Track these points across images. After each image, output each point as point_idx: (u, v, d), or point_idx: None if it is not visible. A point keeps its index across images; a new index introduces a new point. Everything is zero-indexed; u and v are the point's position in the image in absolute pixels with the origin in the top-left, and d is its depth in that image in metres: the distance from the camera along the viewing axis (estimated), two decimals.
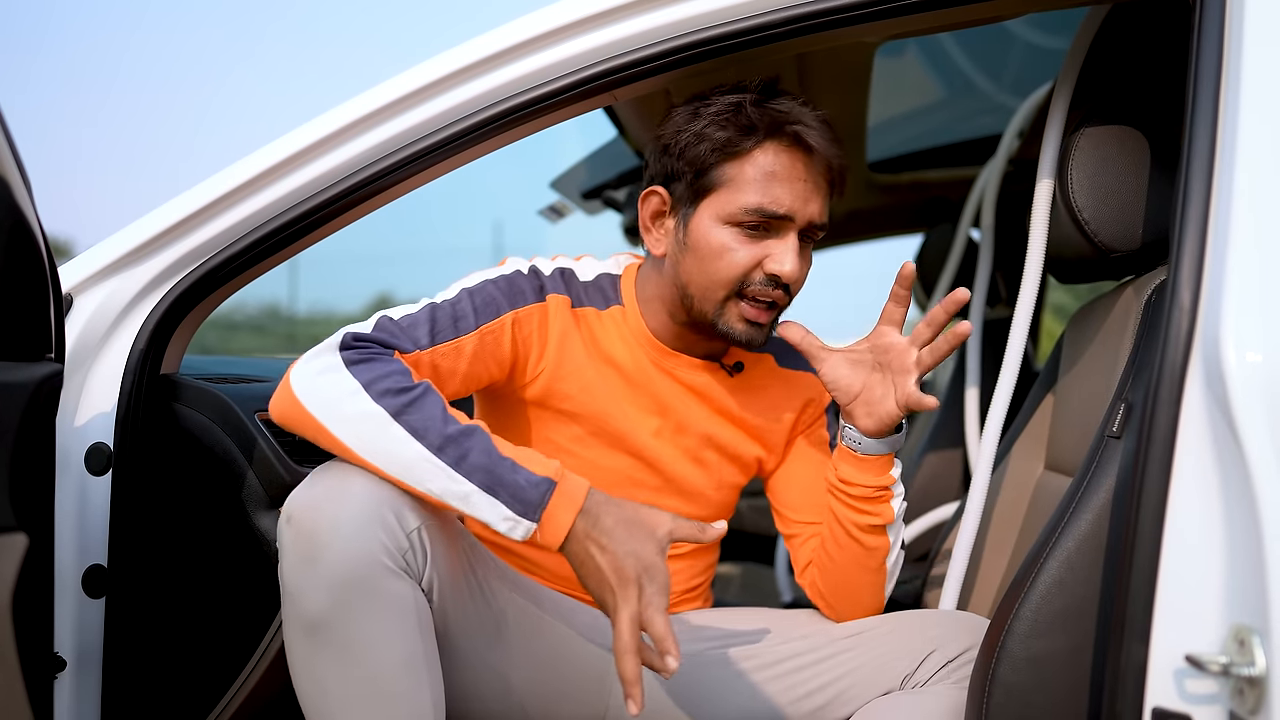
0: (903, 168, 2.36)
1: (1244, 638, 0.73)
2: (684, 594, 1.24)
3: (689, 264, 1.12)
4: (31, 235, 0.85)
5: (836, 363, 1.10)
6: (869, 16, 1.05)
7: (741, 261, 1.09)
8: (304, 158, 1.13)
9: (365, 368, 0.96)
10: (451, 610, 1.03)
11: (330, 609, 0.90)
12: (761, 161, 1.08)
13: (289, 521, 0.92)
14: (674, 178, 1.13)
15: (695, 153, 1.09)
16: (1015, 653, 0.93)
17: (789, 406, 1.25)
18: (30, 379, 0.80)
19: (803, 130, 1.08)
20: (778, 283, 1.10)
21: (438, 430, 0.93)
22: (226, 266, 1.15)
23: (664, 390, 1.18)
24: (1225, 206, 0.81)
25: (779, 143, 1.08)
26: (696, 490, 1.22)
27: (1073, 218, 1.13)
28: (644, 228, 1.17)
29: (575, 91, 1.10)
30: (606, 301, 1.18)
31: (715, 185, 1.10)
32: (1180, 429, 0.79)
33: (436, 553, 0.98)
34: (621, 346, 1.17)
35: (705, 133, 1.09)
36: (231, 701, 1.19)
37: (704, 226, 1.10)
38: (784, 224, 1.09)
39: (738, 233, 1.09)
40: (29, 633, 0.77)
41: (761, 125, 1.08)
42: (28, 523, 0.73)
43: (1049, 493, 1.25)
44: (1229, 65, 0.84)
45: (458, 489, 0.92)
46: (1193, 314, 0.81)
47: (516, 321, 1.11)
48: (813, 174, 1.10)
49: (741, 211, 1.08)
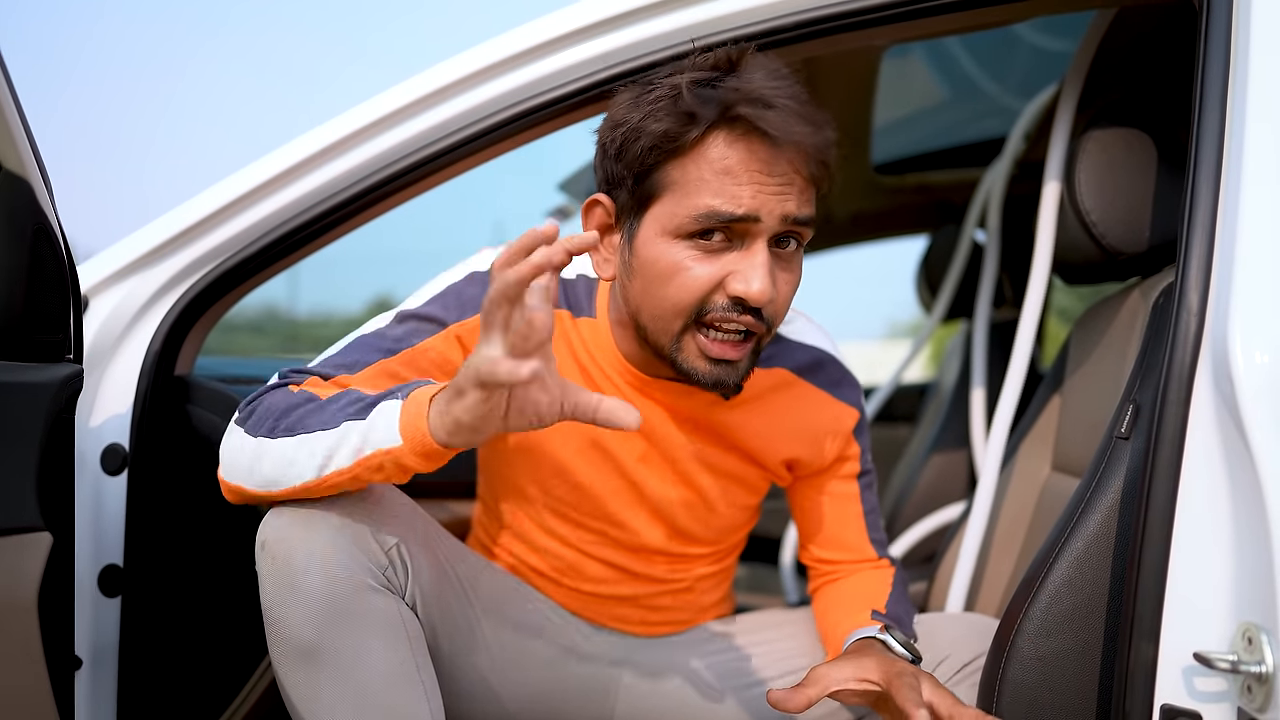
0: (908, 169, 2.37)
1: (1252, 636, 0.73)
2: (697, 614, 1.21)
3: (637, 289, 0.93)
4: (53, 237, 0.87)
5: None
6: (879, 21, 1.05)
7: (696, 283, 0.89)
8: (319, 160, 1.14)
9: (249, 420, 0.89)
10: (440, 622, 1.00)
11: (316, 634, 0.84)
12: (710, 156, 0.87)
13: (264, 549, 0.86)
14: (615, 184, 0.94)
15: (633, 152, 0.90)
16: (1025, 652, 0.94)
17: (811, 436, 1.10)
18: (52, 379, 0.81)
19: (758, 113, 0.85)
20: (745, 307, 0.90)
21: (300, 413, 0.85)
22: (242, 269, 1.16)
23: (648, 414, 1.04)
24: (1233, 208, 0.82)
25: (731, 131, 0.87)
26: (689, 520, 1.11)
27: (1080, 220, 1.14)
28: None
29: (588, 95, 1.10)
30: (580, 310, 1.05)
31: (658, 192, 0.90)
32: (1189, 430, 0.80)
33: (418, 567, 0.93)
34: (594, 364, 1.04)
35: (643, 126, 0.89)
36: (245, 701, 1.20)
37: (649, 243, 0.91)
38: (749, 230, 0.88)
39: (690, 247, 0.89)
40: (53, 630, 0.78)
41: (705, 112, 0.86)
42: (51, 522, 0.74)
43: (1056, 494, 1.26)
44: (1236, 67, 0.85)
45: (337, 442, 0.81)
46: (1201, 315, 0.82)
47: (463, 335, 1.00)
48: (780, 167, 0.88)
49: (691, 220, 0.88)
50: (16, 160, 0.81)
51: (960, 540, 1.41)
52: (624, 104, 0.93)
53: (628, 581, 1.15)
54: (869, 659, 0.92)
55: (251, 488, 0.88)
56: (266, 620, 0.87)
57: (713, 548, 1.17)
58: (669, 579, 1.16)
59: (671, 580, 1.16)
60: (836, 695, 0.90)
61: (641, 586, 1.16)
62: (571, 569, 1.14)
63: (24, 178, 0.83)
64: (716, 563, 1.19)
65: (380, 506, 0.91)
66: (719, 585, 1.23)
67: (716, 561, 1.19)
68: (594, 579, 1.15)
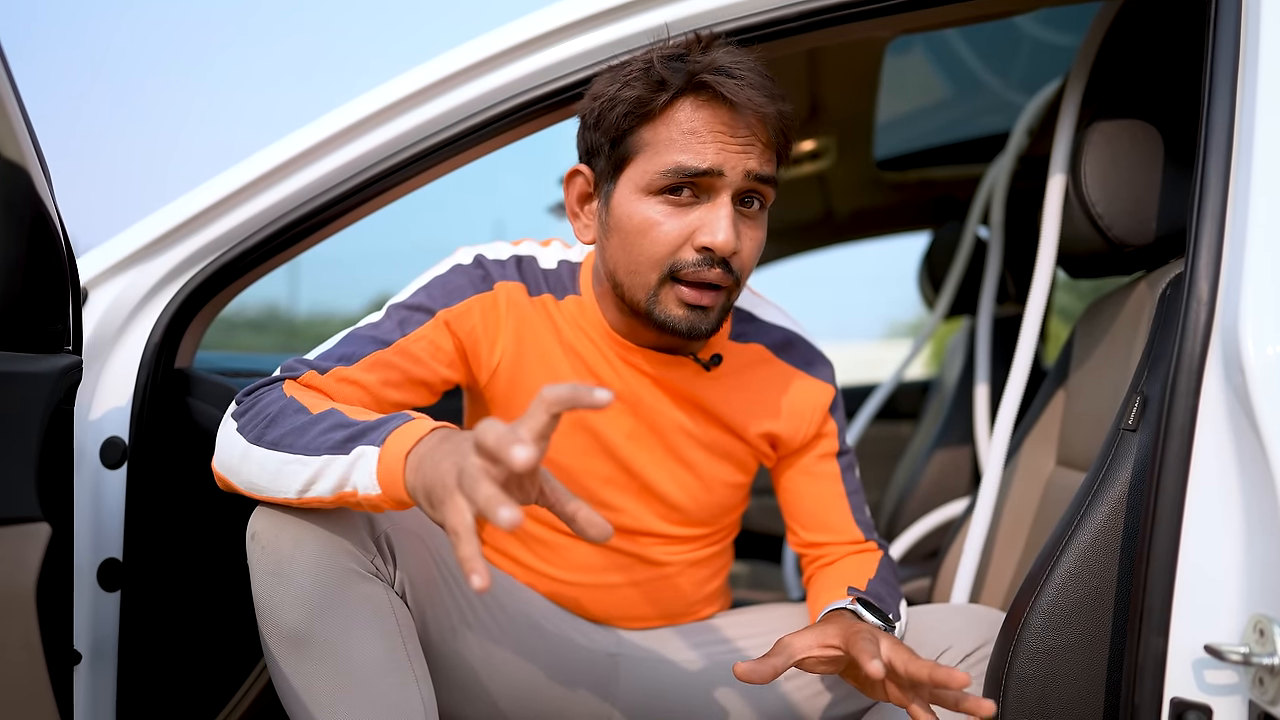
0: (911, 165, 2.37)
1: (1264, 628, 0.73)
2: (691, 605, 1.22)
3: (614, 247, 1.00)
4: (52, 226, 0.86)
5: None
6: (883, 11, 1.05)
7: (668, 236, 0.96)
8: (318, 153, 1.13)
9: (243, 416, 0.92)
10: (429, 610, 1.01)
11: (305, 621, 0.87)
12: (678, 119, 0.95)
13: (254, 538, 0.89)
14: (594, 153, 1.02)
15: (609, 120, 0.98)
16: (1032, 645, 0.93)
17: (788, 412, 1.15)
18: (51, 370, 0.80)
19: (721, 81, 0.94)
20: (713, 258, 0.97)
21: (287, 427, 0.88)
22: (242, 261, 1.15)
23: (634, 386, 1.09)
24: (1243, 198, 0.81)
25: (697, 97, 0.95)
26: (681, 496, 1.14)
27: (1085, 212, 1.13)
28: (571, 214, 1.06)
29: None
30: (564, 291, 1.10)
31: (632, 153, 0.98)
32: (1198, 420, 0.79)
33: (406, 555, 0.96)
34: (583, 339, 1.09)
35: (618, 95, 0.97)
36: (245, 696, 1.20)
37: (625, 201, 0.98)
38: (714, 186, 0.96)
39: (661, 204, 0.97)
40: (51, 624, 0.77)
41: (674, 79, 0.95)
42: (50, 513, 0.74)
43: (1061, 488, 1.25)
44: (1245, 53, 0.84)
45: (317, 473, 0.84)
46: (1210, 305, 0.81)
47: (451, 320, 1.05)
48: (741, 130, 0.96)
49: (660, 174, 0.95)
50: (15, 149, 0.81)
51: (964, 536, 1.40)
52: (602, 80, 1.02)
53: (616, 568, 1.15)
54: (832, 625, 0.94)
55: (238, 485, 0.92)
56: (257, 610, 0.90)
57: (704, 529, 1.18)
58: (661, 562, 1.16)
59: (663, 564, 1.16)
60: (803, 665, 0.93)
61: (632, 572, 1.16)
62: (559, 557, 1.15)
63: (23, 166, 0.82)
64: (709, 547, 1.20)
65: None
66: (713, 578, 1.23)
67: (708, 545, 1.20)
68: (583, 566, 1.15)
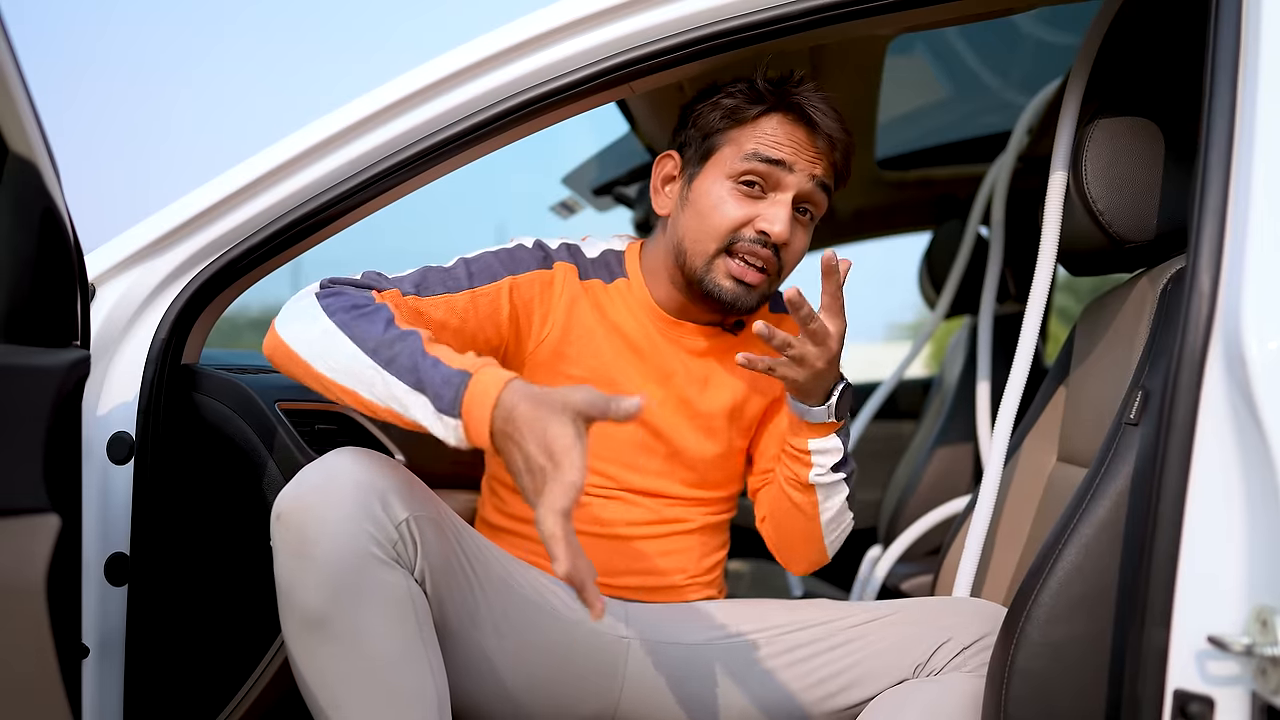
0: (911, 164, 2.37)
1: (1266, 618, 0.73)
2: (693, 578, 1.24)
3: (687, 218, 1.17)
4: (60, 222, 0.86)
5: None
6: (885, 8, 1.05)
7: (734, 215, 1.14)
8: (324, 150, 1.14)
9: (332, 299, 1.01)
10: (447, 599, 1.03)
11: (325, 603, 0.90)
12: (765, 127, 1.14)
13: (279, 519, 0.93)
14: (687, 144, 1.20)
15: (707, 120, 1.17)
16: (1034, 639, 0.93)
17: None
18: (60, 364, 0.80)
19: (807, 104, 1.14)
20: (766, 242, 1.13)
21: (376, 335, 0.95)
22: (248, 257, 1.16)
23: (670, 359, 1.22)
24: (1244, 192, 0.82)
25: (785, 115, 1.15)
26: (704, 460, 1.24)
27: (1087, 209, 1.14)
28: (654, 190, 1.23)
29: (594, 84, 1.10)
30: (612, 275, 1.23)
31: (720, 147, 1.16)
32: (1200, 414, 0.80)
33: (427, 543, 0.98)
34: (628, 316, 1.21)
35: (719, 102, 1.16)
36: (252, 690, 1.20)
37: (705, 183, 1.16)
38: (781, 183, 1.14)
39: (734, 189, 1.14)
40: (60, 617, 0.78)
41: (769, 97, 1.15)
42: (58, 506, 0.74)
43: (1062, 484, 1.25)
44: (1246, 47, 0.85)
45: (394, 392, 0.91)
46: (1212, 300, 0.81)
47: (515, 286, 1.15)
48: (814, 146, 1.15)
49: (740, 160, 1.13)
50: (25, 143, 0.81)
51: (966, 532, 1.40)
52: (706, 90, 1.20)
53: (641, 522, 1.21)
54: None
55: (301, 354, 0.98)
56: (279, 591, 0.93)
57: (719, 492, 1.27)
58: (680, 520, 1.23)
59: (682, 521, 1.23)
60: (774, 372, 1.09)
61: (653, 528, 1.21)
62: (585, 512, 1.19)
63: (33, 162, 0.83)
64: (719, 514, 1.28)
65: (393, 483, 0.96)
66: (718, 549, 1.28)
67: (719, 512, 1.28)
68: (607, 520, 1.20)
